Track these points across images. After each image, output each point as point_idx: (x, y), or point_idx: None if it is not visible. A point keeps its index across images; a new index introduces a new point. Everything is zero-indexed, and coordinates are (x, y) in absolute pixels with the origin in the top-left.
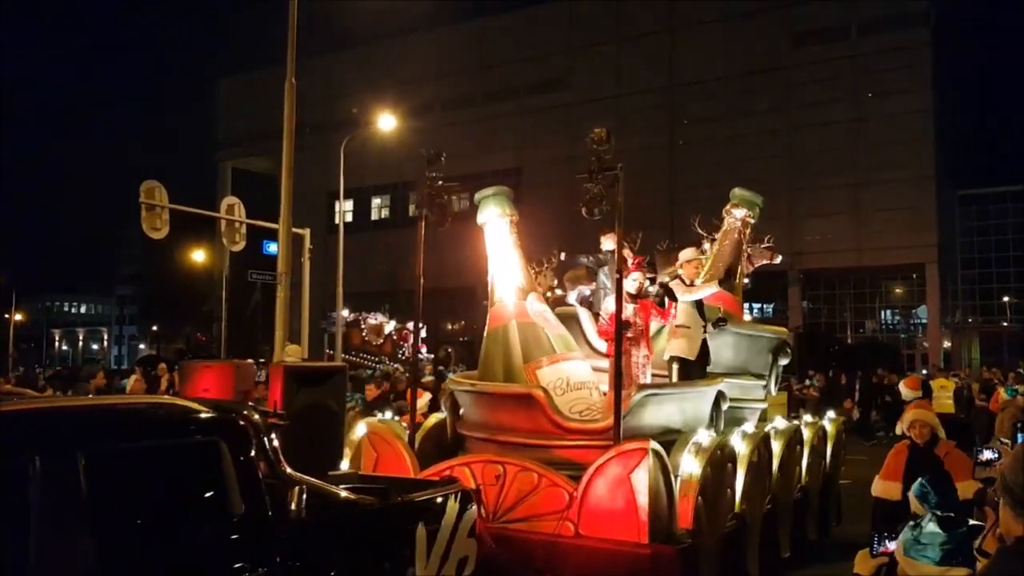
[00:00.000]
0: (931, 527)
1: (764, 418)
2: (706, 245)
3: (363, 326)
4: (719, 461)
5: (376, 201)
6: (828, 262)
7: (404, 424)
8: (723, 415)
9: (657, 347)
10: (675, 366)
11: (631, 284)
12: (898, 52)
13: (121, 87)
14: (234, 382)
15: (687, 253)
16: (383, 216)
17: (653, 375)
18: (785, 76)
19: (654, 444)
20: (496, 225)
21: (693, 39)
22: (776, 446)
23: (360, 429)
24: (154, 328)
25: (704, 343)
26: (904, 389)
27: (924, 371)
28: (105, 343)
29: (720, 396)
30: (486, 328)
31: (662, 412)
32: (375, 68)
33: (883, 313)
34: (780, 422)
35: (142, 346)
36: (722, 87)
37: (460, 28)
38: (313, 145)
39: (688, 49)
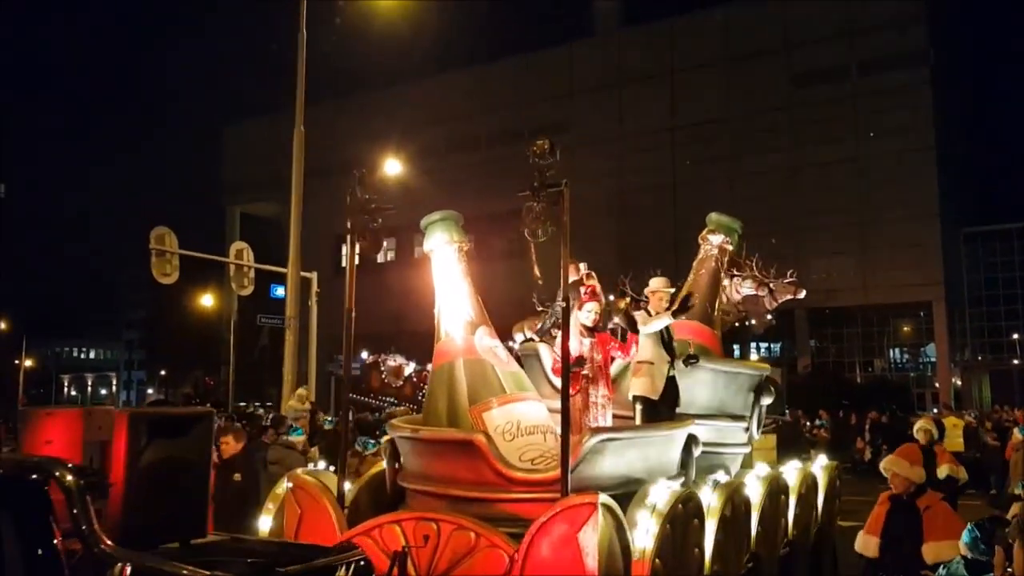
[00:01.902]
0: (959, 570)
1: (748, 464)
2: (725, 281)
3: (383, 368)
4: (681, 517)
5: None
6: (834, 301)
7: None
8: (694, 462)
9: (623, 386)
10: (638, 407)
11: (586, 316)
12: (899, 91)
13: (129, 133)
14: (83, 432)
15: (655, 283)
16: (389, 259)
17: (616, 417)
18: (786, 116)
19: (604, 498)
20: (443, 253)
21: (693, 81)
22: (755, 496)
23: (284, 482)
24: (162, 373)
25: (671, 381)
26: (930, 427)
27: (935, 410)
28: (114, 388)
29: (691, 440)
30: (431, 367)
31: (621, 459)
32: (379, 113)
33: (891, 351)
34: (760, 469)
35: (150, 391)
36: (723, 128)
37: (463, 74)
38: (319, 189)
39: (689, 91)
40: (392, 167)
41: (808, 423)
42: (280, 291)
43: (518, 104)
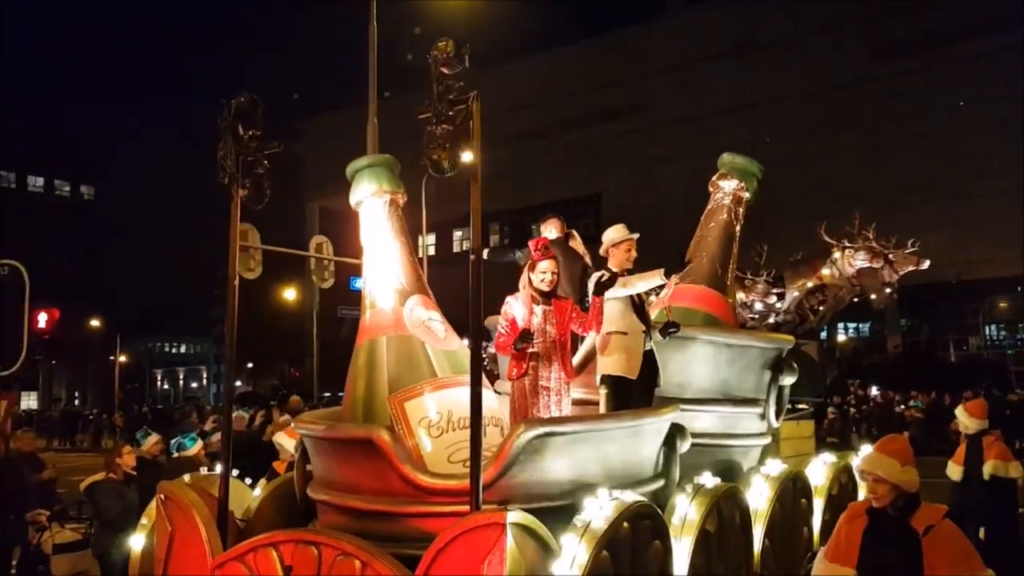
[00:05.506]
0: None
1: (771, 458)
2: (836, 254)
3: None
4: (627, 538)
5: (458, 234)
6: (925, 278)
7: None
8: (678, 460)
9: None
10: (605, 390)
11: (539, 279)
12: (987, 59)
13: (209, 132)
14: None
15: (614, 233)
16: (464, 248)
17: (582, 403)
18: (869, 89)
19: (518, 516)
20: (370, 206)
21: (770, 58)
22: (758, 502)
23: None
24: (249, 365)
25: (649, 356)
26: (963, 418)
27: None
28: (204, 381)
29: (676, 432)
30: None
31: (569, 460)
32: None
33: (987, 328)
34: (772, 467)
35: (238, 383)
36: (803, 104)
37: (533, 59)
38: None
39: (766, 68)
40: (464, 157)
41: (902, 405)
42: (359, 283)
43: (590, 88)
